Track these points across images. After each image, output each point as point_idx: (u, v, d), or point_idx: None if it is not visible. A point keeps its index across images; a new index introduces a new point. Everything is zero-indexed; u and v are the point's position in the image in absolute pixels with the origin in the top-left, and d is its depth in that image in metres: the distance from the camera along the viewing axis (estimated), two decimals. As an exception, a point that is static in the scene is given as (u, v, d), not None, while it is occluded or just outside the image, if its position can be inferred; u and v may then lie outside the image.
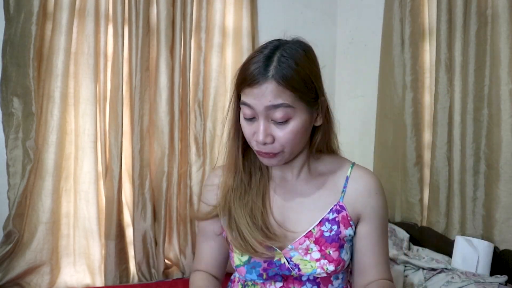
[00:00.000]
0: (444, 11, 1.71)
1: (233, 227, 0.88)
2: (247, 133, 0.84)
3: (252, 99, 0.79)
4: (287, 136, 0.80)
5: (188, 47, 1.98)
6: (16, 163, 1.69)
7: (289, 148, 0.82)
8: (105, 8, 1.85)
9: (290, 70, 0.78)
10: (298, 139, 0.83)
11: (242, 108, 0.83)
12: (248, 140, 0.85)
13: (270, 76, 0.77)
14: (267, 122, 0.80)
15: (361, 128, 2.29)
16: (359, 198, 0.90)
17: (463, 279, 1.37)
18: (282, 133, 0.80)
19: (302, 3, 2.38)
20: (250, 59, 0.82)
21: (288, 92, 0.78)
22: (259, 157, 0.86)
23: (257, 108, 0.79)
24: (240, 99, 0.84)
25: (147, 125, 1.92)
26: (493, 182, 1.53)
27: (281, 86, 0.77)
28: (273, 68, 0.78)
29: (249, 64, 0.81)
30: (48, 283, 1.75)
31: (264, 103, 0.78)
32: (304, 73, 0.79)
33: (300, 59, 0.80)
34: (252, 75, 0.79)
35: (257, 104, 0.79)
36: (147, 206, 1.91)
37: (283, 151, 0.83)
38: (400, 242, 1.78)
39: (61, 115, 1.75)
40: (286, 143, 0.81)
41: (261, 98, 0.78)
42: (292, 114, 0.79)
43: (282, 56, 0.79)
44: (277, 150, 0.82)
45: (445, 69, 1.72)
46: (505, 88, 1.49)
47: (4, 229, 1.67)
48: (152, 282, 1.87)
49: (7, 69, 1.68)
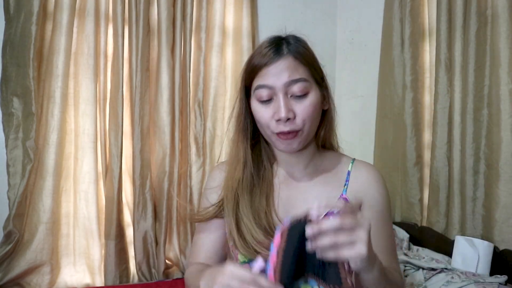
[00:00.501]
0: (444, 11, 1.71)
1: (237, 225, 0.87)
2: (265, 117, 0.84)
3: (270, 78, 0.82)
4: (308, 109, 0.82)
5: (188, 47, 1.98)
6: (16, 163, 1.69)
7: (308, 125, 0.83)
8: (105, 8, 1.85)
9: (301, 47, 0.84)
10: (316, 114, 0.85)
11: (257, 93, 0.84)
12: (265, 125, 0.84)
13: (285, 53, 0.82)
14: (286, 98, 0.81)
15: (361, 128, 2.29)
16: (360, 188, 0.91)
17: (463, 279, 1.37)
18: (302, 107, 0.82)
19: (302, 3, 2.38)
20: (258, 49, 0.86)
21: (303, 67, 0.83)
22: (278, 143, 0.85)
23: (276, 86, 0.81)
24: (252, 87, 0.86)
25: (148, 125, 1.92)
26: (493, 182, 1.53)
27: (297, 61, 0.82)
28: (286, 48, 0.83)
29: (260, 50, 0.85)
30: (48, 283, 1.75)
31: (283, 80, 0.81)
32: (312, 53, 0.86)
33: (306, 43, 0.87)
34: (267, 56, 0.82)
35: (276, 82, 0.81)
36: (148, 206, 1.91)
37: (302, 130, 0.83)
38: (400, 242, 1.78)
39: (61, 115, 1.75)
40: (307, 117, 0.82)
41: (279, 75, 0.81)
42: (309, 88, 0.83)
43: (290, 39, 0.85)
44: (298, 127, 0.82)
45: (445, 69, 1.72)
46: (505, 88, 1.49)
47: (4, 229, 1.67)
48: (152, 282, 1.87)
49: (7, 69, 1.68)
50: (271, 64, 0.82)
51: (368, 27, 2.28)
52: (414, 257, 1.61)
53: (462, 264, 1.47)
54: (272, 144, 0.89)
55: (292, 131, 0.82)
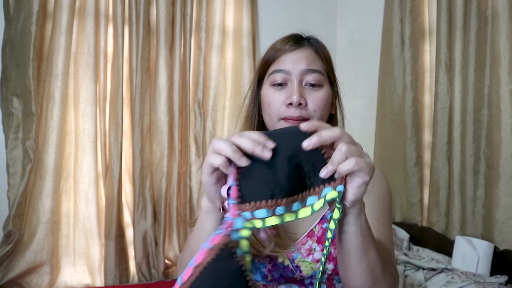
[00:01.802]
0: (444, 11, 1.71)
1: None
2: (275, 101, 0.82)
3: (288, 64, 0.82)
4: (320, 100, 0.82)
5: (188, 47, 1.98)
6: (16, 163, 1.69)
7: (318, 116, 0.82)
8: (105, 8, 1.85)
9: (322, 45, 0.87)
10: (326, 110, 0.84)
11: (271, 77, 0.84)
12: (275, 110, 0.82)
13: (306, 44, 0.85)
14: (301, 86, 0.81)
15: (361, 128, 2.29)
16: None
17: (463, 279, 1.37)
18: (315, 97, 0.81)
19: (302, 3, 2.38)
20: (277, 41, 0.87)
21: (321, 61, 0.85)
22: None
23: (293, 72, 0.82)
24: (267, 74, 0.86)
25: (148, 125, 1.92)
26: (493, 182, 1.53)
27: (317, 54, 0.84)
28: (307, 41, 0.86)
29: (282, 39, 0.86)
30: (48, 283, 1.75)
31: (301, 67, 0.82)
32: (330, 54, 0.88)
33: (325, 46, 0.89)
34: (287, 44, 0.84)
35: (293, 68, 0.82)
36: (148, 206, 1.91)
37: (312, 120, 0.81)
38: (400, 242, 1.78)
39: (61, 115, 1.75)
40: (318, 107, 0.81)
41: (298, 62, 0.82)
42: (324, 81, 0.84)
43: (311, 37, 0.88)
44: (308, 115, 0.81)
45: (445, 69, 1.72)
46: (505, 88, 1.49)
47: (4, 229, 1.67)
48: (152, 282, 1.87)
49: (7, 69, 1.68)
50: (291, 51, 0.83)
51: (368, 27, 2.28)
52: (414, 257, 1.61)
53: (462, 264, 1.47)
54: None
55: (302, 118, 0.80)
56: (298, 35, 0.88)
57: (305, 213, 0.54)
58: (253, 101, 0.91)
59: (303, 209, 0.54)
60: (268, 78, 0.85)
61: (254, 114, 0.90)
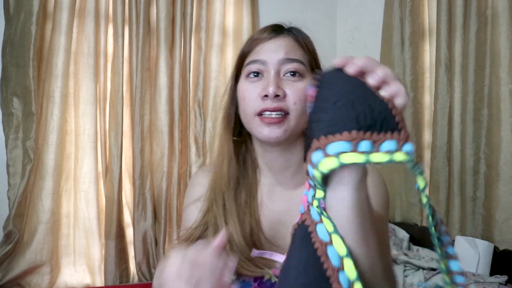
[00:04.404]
0: (444, 11, 1.71)
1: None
2: (251, 94, 0.73)
3: (264, 53, 0.74)
4: (299, 93, 0.71)
5: (188, 47, 1.98)
6: (16, 163, 1.69)
7: (299, 110, 0.72)
8: (105, 8, 1.85)
9: (304, 35, 0.79)
10: (306, 104, 0.74)
11: (246, 68, 0.76)
12: (250, 105, 0.74)
13: (286, 33, 0.77)
14: (278, 77, 0.72)
15: (361, 128, 2.28)
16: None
17: (463, 279, 1.36)
18: (295, 87, 0.72)
19: (302, 3, 2.38)
20: (259, 29, 0.80)
21: (302, 51, 0.76)
22: (260, 129, 0.73)
23: (270, 61, 0.73)
24: (243, 67, 0.77)
25: (148, 125, 1.92)
26: (493, 182, 1.53)
27: (297, 43, 0.76)
28: (287, 30, 0.78)
29: (260, 29, 0.79)
30: (48, 283, 1.75)
31: (279, 56, 0.73)
32: (313, 45, 0.80)
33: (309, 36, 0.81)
34: (265, 33, 0.76)
35: (270, 57, 0.74)
36: (148, 206, 1.91)
37: (290, 116, 0.72)
38: (400, 242, 1.78)
39: (61, 115, 1.75)
40: (298, 100, 0.71)
41: (276, 51, 0.74)
42: (304, 73, 0.74)
43: (293, 27, 0.80)
44: (287, 108, 0.71)
45: (445, 69, 1.72)
46: (505, 88, 1.49)
47: (4, 229, 1.67)
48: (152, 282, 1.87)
49: (7, 69, 1.68)
50: (270, 39, 0.75)
51: (368, 27, 2.28)
52: (414, 257, 1.61)
53: (462, 264, 1.46)
54: (254, 133, 0.75)
55: (279, 108, 0.71)
56: (278, 24, 0.79)
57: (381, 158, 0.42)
58: (231, 100, 0.81)
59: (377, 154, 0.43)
60: (243, 70, 0.77)
61: (231, 115, 0.81)
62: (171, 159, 1.95)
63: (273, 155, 0.78)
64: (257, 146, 0.80)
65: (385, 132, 0.43)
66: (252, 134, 0.77)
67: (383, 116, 0.44)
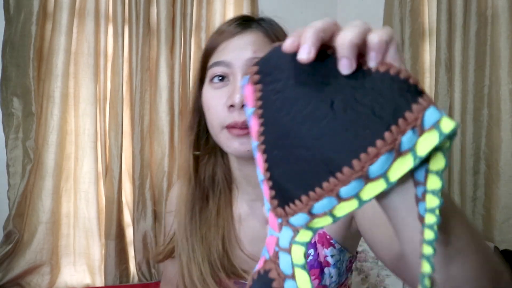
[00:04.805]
0: (444, 11, 1.71)
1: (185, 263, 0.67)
2: (217, 103, 0.64)
3: (229, 54, 0.64)
4: None
5: (188, 47, 1.98)
6: (16, 163, 1.69)
7: None
8: (105, 8, 1.85)
9: (275, 25, 0.69)
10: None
11: (211, 71, 0.65)
12: (215, 116, 0.64)
13: (254, 27, 0.66)
14: None
15: (361, 128, 2.28)
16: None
17: (463, 279, 1.36)
18: None
19: (302, 3, 2.38)
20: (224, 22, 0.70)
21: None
22: (228, 142, 0.64)
23: (235, 63, 0.63)
24: (207, 70, 0.67)
25: (148, 125, 1.92)
26: (493, 182, 1.53)
27: (268, 38, 0.66)
28: (256, 23, 0.67)
29: (225, 22, 0.69)
30: (48, 283, 1.75)
31: (246, 56, 0.63)
32: (286, 35, 0.69)
33: (283, 28, 0.70)
34: (232, 26, 0.66)
35: (236, 58, 0.63)
36: (148, 206, 1.91)
37: None
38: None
39: (61, 115, 1.75)
40: None
41: (242, 50, 0.63)
42: None
43: (264, 18, 0.70)
44: None
45: (445, 69, 1.72)
46: (505, 88, 1.50)
47: (4, 229, 1.67)
48: (152, 282, 1.87)
49: (7, 69, 1.68)
50: (233, 36, 0.64)
51: (368, 27, 2.28)
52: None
53: (462, 264, 1.47)
54: (223, 146, 0.66)
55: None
56: (246, 16, 0.70)
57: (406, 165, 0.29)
58: (195, 108, 0.71)
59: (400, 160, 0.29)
60: (207, 75, 0.67)
61: (193, 125, 0.71)
62: (171, 159, 1.95)
63: (250, 168, 0.68)
64: (232, 159, 0.72)
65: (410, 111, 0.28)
66: (221, 148, 0.68)
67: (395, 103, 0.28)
